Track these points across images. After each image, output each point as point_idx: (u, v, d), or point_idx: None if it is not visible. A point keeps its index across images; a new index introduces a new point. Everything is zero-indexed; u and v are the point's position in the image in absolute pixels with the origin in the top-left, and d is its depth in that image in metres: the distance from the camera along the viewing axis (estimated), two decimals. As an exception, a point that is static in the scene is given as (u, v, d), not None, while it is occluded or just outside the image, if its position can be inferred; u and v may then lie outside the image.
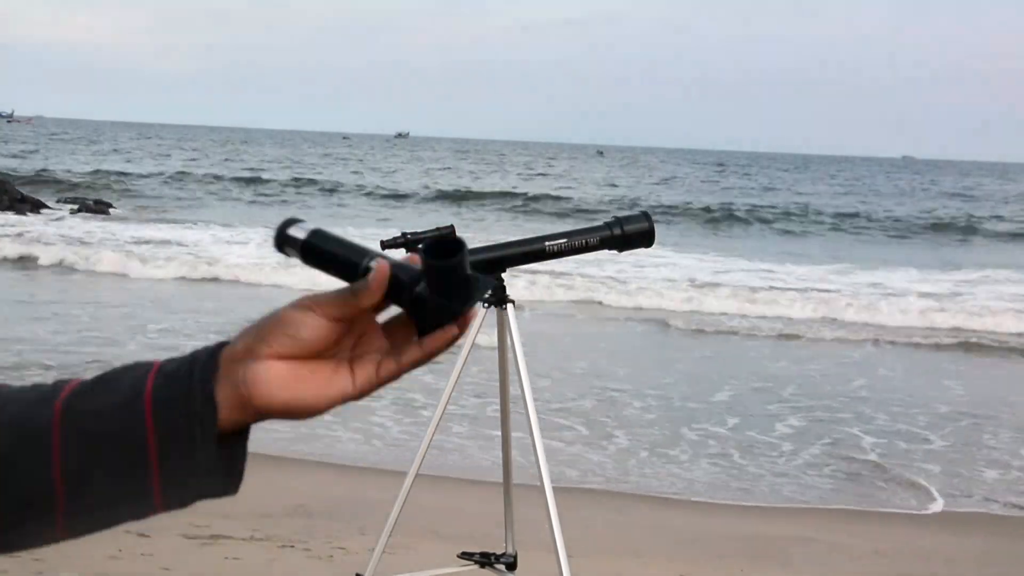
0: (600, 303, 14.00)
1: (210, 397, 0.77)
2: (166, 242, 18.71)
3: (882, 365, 10.75)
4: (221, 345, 0.80)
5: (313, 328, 0.78)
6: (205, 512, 4.87)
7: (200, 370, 0.78)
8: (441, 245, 0.78)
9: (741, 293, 14.67)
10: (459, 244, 0.78)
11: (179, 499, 0.79)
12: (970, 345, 11.98)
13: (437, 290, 0.79)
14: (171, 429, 0.77)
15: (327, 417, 0.86)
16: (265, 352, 0.78)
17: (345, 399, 0.81)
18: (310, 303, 0.79)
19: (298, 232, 0.82)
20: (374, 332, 0.82)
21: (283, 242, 0.82)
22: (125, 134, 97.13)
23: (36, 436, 0.77)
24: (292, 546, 4.59)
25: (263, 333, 0.78)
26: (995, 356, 11.62)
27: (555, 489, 2.93)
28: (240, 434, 0.81)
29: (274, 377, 0.78)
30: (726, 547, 5.16)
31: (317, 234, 0.81)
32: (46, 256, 15.57)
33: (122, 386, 0.79)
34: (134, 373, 0.80)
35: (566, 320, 12.62)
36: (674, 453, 6.98)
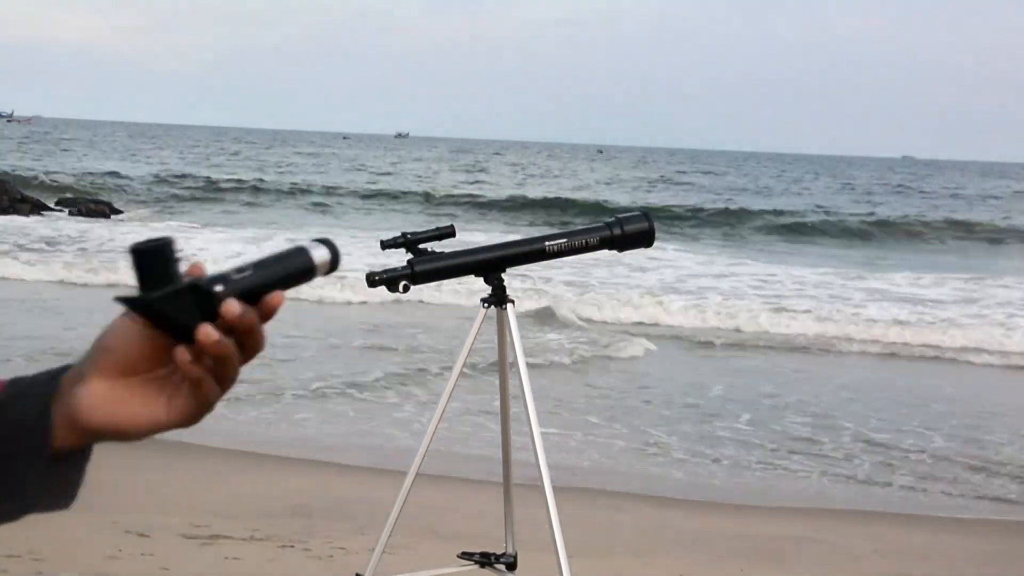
0: (555, 315, 12.11)
1: (44, 418, 0.77)
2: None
3: (863, 367, 10.74)
4: (67, 367, 0.80)
5: (126, 338, 0.75)
6: (205, 512, 4.87)
7: (40, 392, 0.78)
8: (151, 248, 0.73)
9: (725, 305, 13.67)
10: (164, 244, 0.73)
11: (8, 513, 0.80)
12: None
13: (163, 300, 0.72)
14: (2, 448, 0.78)
15: (348, 415, 0.86)
16: (90, 372, 0.76)
17: (158, 428, 0.77)
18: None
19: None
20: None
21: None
22: (124, 134, 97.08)
23: None
24: (292, 546, 4.59)
25: (91, 352, 0.77)
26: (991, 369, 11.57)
27: (555, 489, 2.93)
28: (80, 452, 0.80)
29: (93, 396, 0.76)
30: (726, 547, 5.16)
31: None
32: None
33: None
34: None
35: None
36: (658, 457, 6.98)
